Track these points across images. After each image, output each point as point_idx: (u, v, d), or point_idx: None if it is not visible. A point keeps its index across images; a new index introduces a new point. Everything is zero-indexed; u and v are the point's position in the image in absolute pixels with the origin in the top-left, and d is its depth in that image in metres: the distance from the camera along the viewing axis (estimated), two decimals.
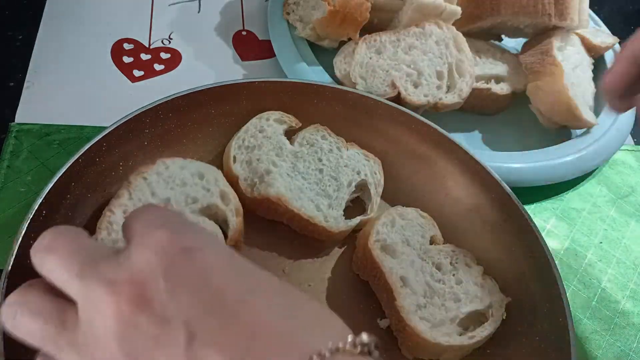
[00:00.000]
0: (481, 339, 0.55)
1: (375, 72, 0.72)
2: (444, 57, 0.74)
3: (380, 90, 0.71)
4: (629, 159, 0.84)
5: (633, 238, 0.75)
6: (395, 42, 0.74)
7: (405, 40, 0.74)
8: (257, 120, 0.66)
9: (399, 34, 0.75)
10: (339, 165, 0.65)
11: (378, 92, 0.71)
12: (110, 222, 0.56)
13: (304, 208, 0.61)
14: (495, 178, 0.63)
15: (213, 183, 0.60)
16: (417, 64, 0.73)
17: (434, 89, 0.72)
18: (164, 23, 0.87)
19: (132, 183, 0.59)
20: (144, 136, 0.61)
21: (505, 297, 0.58)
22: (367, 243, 0.59)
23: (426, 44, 0.75)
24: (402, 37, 0.75)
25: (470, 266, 0.60)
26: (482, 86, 0.78)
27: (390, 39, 0.74)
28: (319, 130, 0.67)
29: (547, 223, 0.75)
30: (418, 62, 0.73)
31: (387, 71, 0.72)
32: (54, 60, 0.79)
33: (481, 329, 0.56)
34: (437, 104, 0.72)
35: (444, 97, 0.72)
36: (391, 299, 0.57)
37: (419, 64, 0.73)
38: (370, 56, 0.73)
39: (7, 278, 0.49)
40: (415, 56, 0.74)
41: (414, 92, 0.72)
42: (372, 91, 0.71)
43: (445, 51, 0.75)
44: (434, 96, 0.72)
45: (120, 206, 0.57)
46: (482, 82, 0.78)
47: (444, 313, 0.56)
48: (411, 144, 0.67)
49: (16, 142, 0.70)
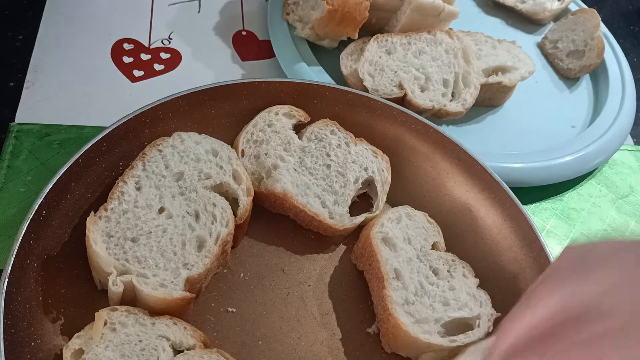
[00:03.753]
0: (462, 344, 0.55)
1: (383, 71, 0.73)
2: (452, 66, 0.75)
3: (387, 90, 0.72)
4: (629, 159, 0.84)
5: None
6: (406, 45, 0.75)
7: (416, 44, 0.76)
8: (266, 114, 0.66)
9: (410, 37, 0.76)
10: (347, 161, 0.65)
11: (385, 91, 0.71)
12: (122, 192, 0.57)
13: (309, 204, 0.61)
14: (495, 178, 0.63)
15: (227, 161, 0.61)
16: (425, 69, 0.74)
17: (439, 96, 0.73)
18: (164, 23, 0.87)
19: (147, 155, 0.59)
20: (144, 136, 0.62)
21: (495, 312, 0.57)
22: (369, 233, 0.60)
23: (436, 50, 0.76)
24: (413, 41, 0.76)
25: (466, 277, 0.60)
26: (493, 80, 0.78)
27: (402, 41, 0.75)
28: (328, 125, 0.67)
29: (547, 223, 0.75)
30: (427, 67, 0.74)
31: (396, 72, 0.73)
32: (54, 60, 0.79)
33: (464, 336, 0.55)
34: (441, 110, 0.73)
35: (448, 104, 0.73)
36: (381, 287, 0.57)
37: (428, 69, 0.74)
38: (380, 55, 0.74)
39: (7, 278, 0.49)
40: (424, 61, 0.75)
41: (420, 95, 0.72)
42: (379, 89, 0.71)
43: (453, 60, 0.76)
44: (438, 102, 0.73)
45: (133, 177, 0.58)
46: (492, 76, 0.78)
47: (430, 312, 0.56)
48: (411, 144, 0.68)
49: (16, 142, 0.70)
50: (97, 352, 0.48)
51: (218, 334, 0.56)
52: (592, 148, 0.77)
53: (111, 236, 0.54)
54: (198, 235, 0.56)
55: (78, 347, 0.49)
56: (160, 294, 0.51)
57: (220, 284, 0.60)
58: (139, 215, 0.56)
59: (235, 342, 0.56)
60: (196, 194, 0.59)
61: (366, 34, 0.78)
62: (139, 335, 0.50)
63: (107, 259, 0.52)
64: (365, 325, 0.59)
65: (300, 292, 0.60)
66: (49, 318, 0.52)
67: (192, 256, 0.55)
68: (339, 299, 0.61)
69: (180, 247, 0.55)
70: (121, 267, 0.53)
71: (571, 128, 0.83)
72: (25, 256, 0.51)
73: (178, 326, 0.52)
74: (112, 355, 0.49)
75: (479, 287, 0.59)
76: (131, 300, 0.53)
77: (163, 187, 0.58)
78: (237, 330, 0.57)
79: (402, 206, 0.64)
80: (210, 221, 0.57)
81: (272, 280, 0.61)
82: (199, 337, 0.52)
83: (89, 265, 0.55)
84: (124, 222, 0.55)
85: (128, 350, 0.49)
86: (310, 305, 0.60)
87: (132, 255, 0.54)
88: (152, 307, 0.52)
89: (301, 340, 0.57)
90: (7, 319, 0.48)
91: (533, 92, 0.87)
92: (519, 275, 0.60)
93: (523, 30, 0.96)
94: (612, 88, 0.86)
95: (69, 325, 0.52)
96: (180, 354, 0.50)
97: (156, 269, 0.53)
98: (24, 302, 0.50)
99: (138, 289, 0.52)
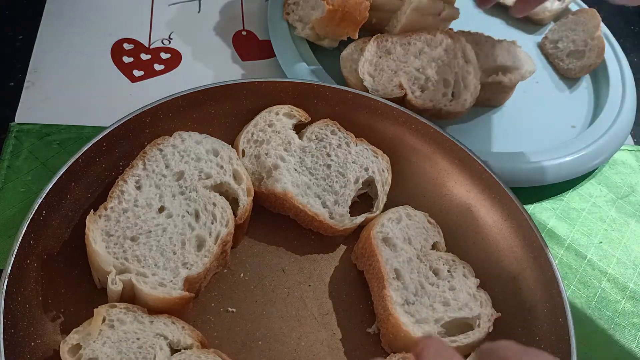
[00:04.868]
0: (462, 345, 0.55)
1: (383, 71, 0.73)
2: (452, 67, 0.75)
3: (387, 90, 0.71)
4: (629, 159, 0.84)
5: (633, 238, 0.75)
6: (405, 45, 0.75)
7: (415, 44, 0.75)
8: (267, 113, 0.66)
9: (410, 37, 0.76)
10: (347, 161, 0.65)
11: (385, 90, 0.71)
12: (122, 191, 0.57)
13: (309, 204, 0.61)
14: (495, 178, 0.63)
15: (227, 161, 0.61)
16: (425, 69, 0.74)
17: (440, 96, 0.73)
18: (164, 23, 0.87)
19: (148, 154, 0.59)
20: (143, 136, 0.62)
21: (495, 312, 0.57)
22: (370, 233, 0.60)
23: (436, 51, 0.76)
24: (413, 41, 0.76)
25: (467, 277, 0.60)
26: (493, 80, 0.78)
27: (401, 41, 0.75)
28: (328, 125, 0.67)
29: (547, 223, 0.75)
30: (427, 67, 0.74)
31: (395, 72, 0.73)
32: (54, 60, 0.79)
33: (464, 336, 0.55)
34: (442, 111, 0.73)
35: (448, 104, 0.73)
36: (381, 287, 0.57)
37: (428, 69, 0.74)
38: (380, 55, 0.74)
39: (7, 278, 0.49)
40: (424, 61, 0.75)
41: (420, 95, 0.72)
42: (379, 89, 0.71)
43: (453, 61, 0.75)
44: (438, 102, 0.72)
45: (133, 176, 0.58)
46: (493, 76, 0.78)
47: (430, 312, 0.56)
48: (411, 144, 0.68)
49: (16, 142, 0.70)
50: (95, 348, 0.49)
51: (218, 334, 0.56)
52: (592, 148, 0.77)
53: (111, 235, 0.54)
54: (198, 235, 0.56)
55: (75, 342, 0.49)
56: (159, 293, 0.51)
57: (220, 284, 0.60)
58: (138, 214, 0.56)
59: (235, 342, 0.56)
60: (196, 194, 0.59)
61: (366, 34, 0.78)
62: (137, 332, 0.50)
63: (106, 258, 0.52)
64: (365, 325, 0.59)
65: (300, 292, 0.60)
66: (49, 317, 0.52)
67: (192, 256, 0.55)
68: (339, 299, 0.61)
69: (179, 247, 0.55)
70: (120, 265, 0.53)
71: (571, 128, 0.83)
72: (25, 256, 0.51)
73: (176, 325, 0.52)
74: (109, 352, 0.49)
75: (479, 287, 0.59)
76: (130, 299, 0.53)
77: (163, 187, 0.58)
78: (237, 330, 0.57)
79: (402, 206, 0.64)
80: (210, 221, 0.57)
81: (272, 280, 0.61)
82: (197, 337, 0.52)
83: (89, 264, 0.55)
84: (123, 221, 0.55)
85: (125, 348, 0.49)
86: (310, 305, 0.60)
87: (132, 254, 0.54)
88: (151, 306, 0.52)
89: (301, 340, 0.57)
90: (7, 319, 0.48)
91: (533, 92, 0.87)
92: (519, 275, 0.60)
93: (523, 30, 0.96)
94: (612, 88, 0.86)
95: (69, 325, 0.52)
96: (177, 353, 0.50)
97: (155, 268, 0.53)
98: (24, 302, 0.50)
99: (137, 287, 0.52)
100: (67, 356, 0.48)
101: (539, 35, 0.96)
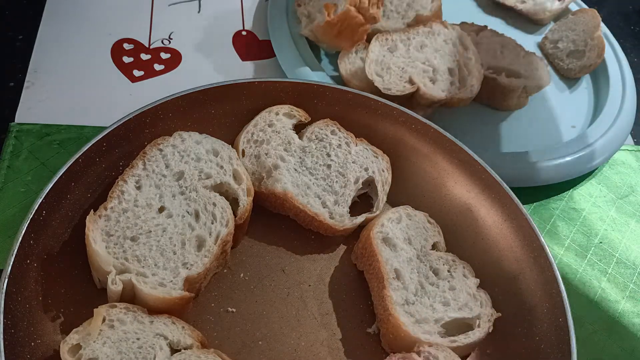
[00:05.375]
0: (462, 345, 0.55)
1: (390, 69, 0.73)
2: (453, 55, 0.76)
3: (399, 87, 0.72)
4: (629, 159, 0.84)
5: (633, 238, 0.75)
6: (406, 41, 0.76)
7: (415, 38, 0.76)
8: (267, 113, 0.66)
9: (408, 32, 0.77)
10: (347, 162, 0.65)
11: (398, 88, 0.72)
12: (121, 192, 0.57)
13: (309, 204, 0.61)
14: (495, 178, 0.63)
15: (227, 161, 0.61)
16: (430, 61, 0.75)
17: (449, 85, 0.74)
18: (164, 23, 0.87)
19: (148, 154, 0.59)
20: (143, 136, 0.61)
21: (495, 312, 0.57)
22: (370, 233, 0.60)
23: (436, 42, 0.77)
24: (412, 36, 0.76)
25: (467, 277, 0.60)
26: (489, 75, 0.78)
27: (401, 37, 0.76)
28: (328, 125, 0.67)
29: (547, 223, 0.75)
30: (431, 59, 0.75)
31: (403, 68, 0.74)
32: (54, 60, 0.79)
33: (464, 336, 0.56)
34: (453, 99, 0.74)
35: (457, 92, 0.74)
36: (381, 287, 0.57)
37: (433, 61, 0.75)
38: (384, 54, 0.74)
39: (7, 278, 0.49)
40: (428, 54, 0.75)
41: (432, 87, 0.73)
42: (391, 88, 0.72)
43: (453, 49, 0.76)
44: (450, 91, 0.73)
45: (133, 176, 0.58)
46: (489, 72, 0.79)
47: (430, 312, 0.56)
48: (411, 144, 0.68)
49: (16, 142, 0.70)
50: (95, 348, 0.49)
51: (218, 334, 0.56)
52: (592, 148, 0.77)
53: (111, 235, 0.54)
54: (198, 235, 0.56)
55: (75, 342, 0.49)
56: (159, 293, 0.51)
57: (220, 284, 0.60)
58: (138, 214, 0.56)
59: (235, 342, 0.56)
60: (196, 194, 0.59)
61: None
62: (137, 332, 0.50)
63: (106, 258, 0.52)
64: (365, 325, 0.59)
65: (300, 292, 0.60)
66: (49, 317, 0.52)
67: (192, 256, 0.55)
68: (339, 299, 0.61)
69: (179, 247, 0.55)
70: (120, 265, 0.53)
71: (571, 128, 0.83)
72: (25, 256, 0.51)
73: (176, 325, 0.52)
74: (109, 352, 0.49)
75: (479, 287, 0.59)
76: (130, 299, 0.53)
77: (163, 187, 0.58)
78: (237, 330, 0.57)
79: (402, 206, 0.64)
80: (210, 221, 0.57)
81: (272, 280, 0.61)
82: (197, 337, 0.52)
83: (89, 264, 0.55)
84: (123, 221, 0.55)
85: (125, 348, 0.49)
86: (310, 305, 0.60)
87: (132, 254, 0.54)
88: (151, 306, 0.52)
89: (301, 340, 0.57)
90: (7, 319, 0.48)
91: None
92: (519, 275, 0.60)
93: (523, 30, 0.96)
94: (612, 88, 0.86)
95: (69, 325, 0.52)
96: (177, 353, 0.50)
97: (155, 268, 0.53)
98: (24, 302, 0.50)
99: (137, 287, 0.52)
100: (67, 356, 0.48)
101: (539, 35, 0.96)
